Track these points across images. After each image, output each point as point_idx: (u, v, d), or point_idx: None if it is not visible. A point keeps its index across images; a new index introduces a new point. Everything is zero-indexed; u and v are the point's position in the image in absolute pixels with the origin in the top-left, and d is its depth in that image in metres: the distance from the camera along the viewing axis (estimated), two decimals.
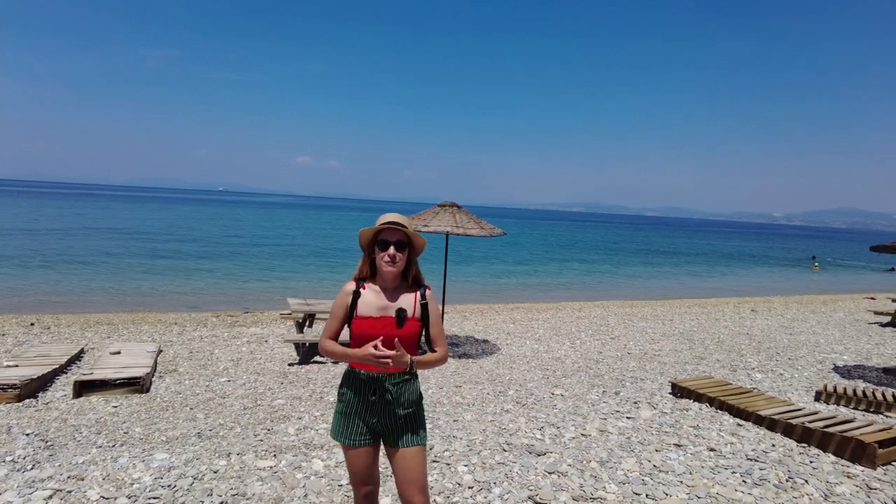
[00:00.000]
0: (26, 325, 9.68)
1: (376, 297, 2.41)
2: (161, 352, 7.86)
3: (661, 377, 7.06)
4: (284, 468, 3.97)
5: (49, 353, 7.13)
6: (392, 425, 2.40)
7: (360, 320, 2.38)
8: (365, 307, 2.39)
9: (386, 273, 2.39)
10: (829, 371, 7.68)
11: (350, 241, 39.67)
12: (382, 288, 2.44)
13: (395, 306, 2.40)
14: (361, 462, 2.44)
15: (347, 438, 2.41)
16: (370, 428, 2.42)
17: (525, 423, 5.09)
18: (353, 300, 2.41)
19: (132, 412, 5.38)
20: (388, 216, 2.45)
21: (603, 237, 68.91)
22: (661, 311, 14.10)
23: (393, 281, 2.44)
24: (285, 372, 7.12)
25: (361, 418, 2.41)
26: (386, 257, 2.36)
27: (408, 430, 2.41)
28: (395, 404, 2.38)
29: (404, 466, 2.39)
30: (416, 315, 2.43)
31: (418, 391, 2.50)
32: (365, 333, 2.34)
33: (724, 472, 4.02)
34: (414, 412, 2.45)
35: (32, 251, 22.39)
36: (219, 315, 11.65)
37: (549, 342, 9.45)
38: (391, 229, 2.38)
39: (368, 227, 2.40)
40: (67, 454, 4.22)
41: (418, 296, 2.45)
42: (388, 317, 2.38)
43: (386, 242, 2.37)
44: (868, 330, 11.56)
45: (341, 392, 2.49)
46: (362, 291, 2.43)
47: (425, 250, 2.52)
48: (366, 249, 2.48)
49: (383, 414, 2.39)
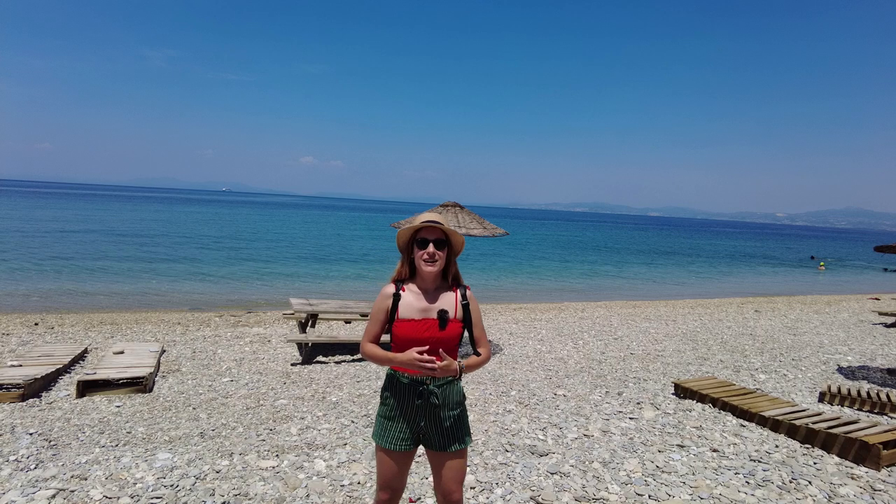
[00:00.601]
0: (30, 324, 9.71)
1: (417, 299, 2.38)
2: (164, 352, 7.87)
3: (665, 378, 7.05)
4: (287, 468, 3.98)
5: (53, 353, 7.15)
6: (438, 429, 2.38)
7: (401, 323, 2.35)
8: (406, 309, 2.36)
9: (426, 273, 2.35)
10: (833, 372, 7.65)
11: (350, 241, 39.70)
12: (422, 289, 2.40)
13: (436, 307, 2.36)
14: (396, 467, 2.41)
15: (388, 442, 2.38)
16: (414, 432, 2.39)
17: (527, 424, 5.09)
18: (393, 302, 2.37)
19: (135, 412, 5.39)
20: (425, 215, 2.43)
21: (605, 237, 68.81)
22: (665, 311, 14.07)
23: (433, 281, 2.40)
24: (288, 372, 7.13)
25: (406, 422, 2.38)
26: (425, 255, 2.32)
27: (454, 433, 2.40)
28: (441, 407, 2.36)
29: (449, 467, 2.40)
30: (458, 316, 2.39)
31: (462, 392, 2.48)
32: (407, 336, 2.31)
33: (727, 473, 4.00)
34: (460, 414, 2.43)
35: (36, 251, 22.48)
36: (222, 315, 11.67)
37: (552, 342, 9.43)
38: (430, 228, 2.34)
39: (406, 227, 2.38)
40: (70, 454, 4.23)
41: (459, 296, 2.42)
42: (431, 319, 2.34)
43: (425, 241, 2.34)
44: (872, 331, 11.51)
45: (384, 396, 2.45)
46: (402, 293, 2.39)
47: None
48: (404, 250, 2.45)
49: (430, 417, 2.37)
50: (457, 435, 2.40)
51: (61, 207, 62.50)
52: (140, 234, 34.91)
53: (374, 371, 7.26)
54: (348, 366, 7.56)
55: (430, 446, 2.41)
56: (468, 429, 2.47)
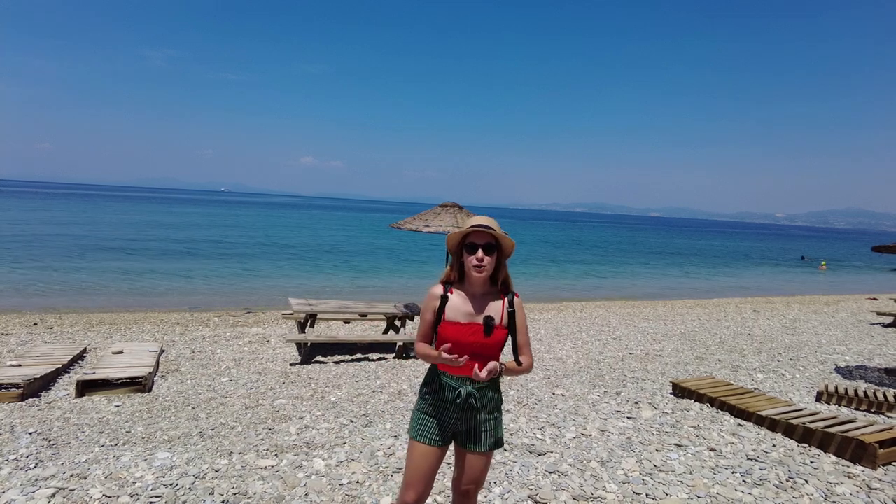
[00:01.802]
0: (29, 324, 9.72)
1: (464, 303, 2.37)
2: (163, 352, 7.88)
3: (663, 377, 7.07)
4: (286, 467, 3.99)
5: (52, 353, 7.16)
6: (473, 430, 2.41)
7: (447, 325, 2.35)
8: (453, 312, 2.36)
9: (474, 278, 2.35)
10: (830, 372, 7.67)
11: (349, 241, 39.70)
12: (470, 294, 2.39)
13: (483, 313, 2.35)
14: (426, 462, 2.41)
15: (422, 436, 2.41)
16: (447, 429, 2.41)
17: (526, 423, 5.10)
18: (440, 304, 2.38)
19: (134, 411, 5.40)
20: (476, 218, 2.40)
21: (604, 238, 68.85)
22: (663, 311, 14.09)
23: (482, 286, 2.40)
24: (287, 372, 7.14)
25: (441, 420, 2.40)
26: (474, 261, 2.31)
27: (487, 436, 2.42)
28: (479, 410, 2.39)
29: (472, 466, 2.44)
30: (504, 323, 2.38)
31: (500, 398, 2.50)
32: (452, 339, 2.31)
33: (724, 472, 4.02)
34: (496, 419, 2.45)
35: (35, 251, 22.47)
36: (221, 315, 11.68)
37: (551, 342, 9.45)
38: (479, 232, 2.32)
39: (457, 231, 2.37)
40: (70, 453, 4.24)
41: (506, 303, 2.40)
42: (476, 324, 2.33)
43: (474, 246, 2.32)
44: (870, 331, 11.54)
45: (423, 391, 2.49)
46: (450, 296, 2.39)
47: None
48: (453, 253, 2.44)
49: (466, 417, 2.39)
50: (490, 437, 2.43)
51: (60, 208, 62.45)
52: (139, 234, 34.90)
53: (372, 371, 7.27)
54: (347, 366, 7.57)
55: (460, 443, 2.46)
56: (502, 433, 2.50)
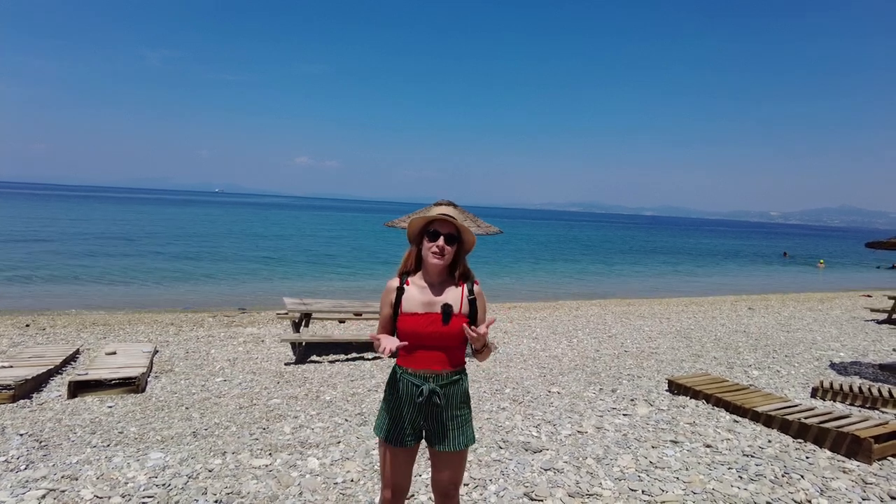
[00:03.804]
0: (21, 326, 9.64)
1: (421, 293, 2.32)
2: (157, 352, 7.83)
3: (658, 374, 7.06)
4: (280, 467, 3.96)
5: (44, 354, 7.10)
6: (442, 428, 2.31)
7: (405, 317, 2.29)
8: (409, 303, 2.31)
9: (431, 266, 2.30)
10: (825, 368, 7.69)
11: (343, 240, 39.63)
12: (428, 283, 2.34)
13: (440, 301, 2.28)
14: (398, 462, 2.35)
15: (389, 437, 2.33)
16: (415, 428, 2.33)
17: (521, 421, 5.08)
18: (397, 296, 2.33)
19: (127, 412, 5.36)
20: (441, 207, 2.36)
21: (599, 236, 68.99)
22: (659, 309, 14.11)
23: (438, 276, 2.34)
24: (282, 371, 7.10)
25: (407, 419, 2.31)
26: (434, 248, 2.27)
27: (457, 434, 2.32)
28: (445, 408, 2.30)
29: (448, 466, 2.35)
30: (464, 311, 2.32)
31: (467, 392, 2.40)
32: (411, 330, 2.25)
33: (720, 468, 4.01)
34: (464, 415, 2.36)
35: (28, 253, 22.32)
36: (215, 315, 11.62)
37: (547, 340, 9.44)
38: (443, 221, 2.29)
39: (420, 217, 2.33)
40: (61, 454, 4.20)
41: (465, 290, 2.34)
42: (434, 313, 2.27)
43: (436, 234, 2.28)
44: (865, 327, 11.59)
45: (386, 391, 2.41)
46: (406, 287, 2.34)
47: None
48: (413, 240, 2.39)
49: (431, 416, 2.30)
50: (459, 435, 2.34)
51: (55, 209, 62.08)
52: (133, 235, 34.72)
53: (367, 370, 7.25)
54: (342, 365, 7.54)
55: (431, 443, 2.36)
56: (472, 430, 2.41)
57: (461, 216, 8.06)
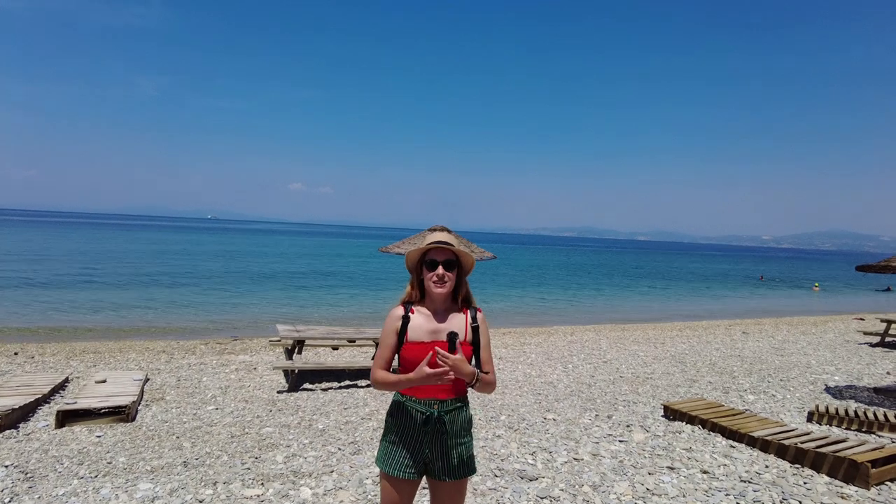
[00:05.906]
0: (10, 354, 9.49)
1: (426, 321, 2.33)
2: (148, 380, 7.72)
3: (654, 400, 7.03)
4: (272, 496, 3.89)
5: (32, 383, 6.98)
6: (445, 458, 2.30)
7: (410, 346, 2.29)
8: (415, 332, 2.31)
9: (435, 295, 2.31)
10: (820, 392, 7.69)
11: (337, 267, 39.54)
12: (432, 311, 2.35)
13: (445, 329, 2.29)
14: (400, 495, 2.31)
15: (393, 469, 2.30)
16: (418, 460, 2.30)
17: (517, 448, 5.03)
18: (402, 325, 2.32)
19: (116, 441, 5.26)
20: (435, 235, 2.39)
21: (593, 261, 69.23)
22: (653, 334, 14.10)
23: (443, 303, 2.36)
24: (274, 399, 7.02)
25: (410, 450, 2.30)
26: (434, 277, 2.29)
27: (460, 463, 2.32)
28: (449, 435, 2.29)
29: (449, 496, 2.33)
30: (468, 338, 2.34)
31: (470, 419, 2.42)
32: (416, 359, 2.23)
33: (717, 495, 3.98)
34: (466, 443, 2.36)
35: (18, 280, 22.12)
36: (207, 343, 11.50)
37: (542, 366, 9.39)
38: (439, 249, 2.31)
39: (415, 248, 2.35)
40: (48, 486, 4.11)
41: (469, 318, 2.37)
42: (440, 341, 2.26)
43: (434, 262, 2.30)
44: (858, 350, 11.62)
45: (388, 422, 2.38)
46: (411, 315, 2.33)
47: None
48: (413, 271, 2.41)
49: (435, 445, 2.29)
50: (462, 465, 2.32)
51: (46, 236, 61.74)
52: (125, 262, 34.53)
53: (361, 398, 7.17)
54: (335, 393, 7.45)
55: (432, 474, 2.33)
56: (473, 459, 2.41)
57: (456, 241, 8.11)
